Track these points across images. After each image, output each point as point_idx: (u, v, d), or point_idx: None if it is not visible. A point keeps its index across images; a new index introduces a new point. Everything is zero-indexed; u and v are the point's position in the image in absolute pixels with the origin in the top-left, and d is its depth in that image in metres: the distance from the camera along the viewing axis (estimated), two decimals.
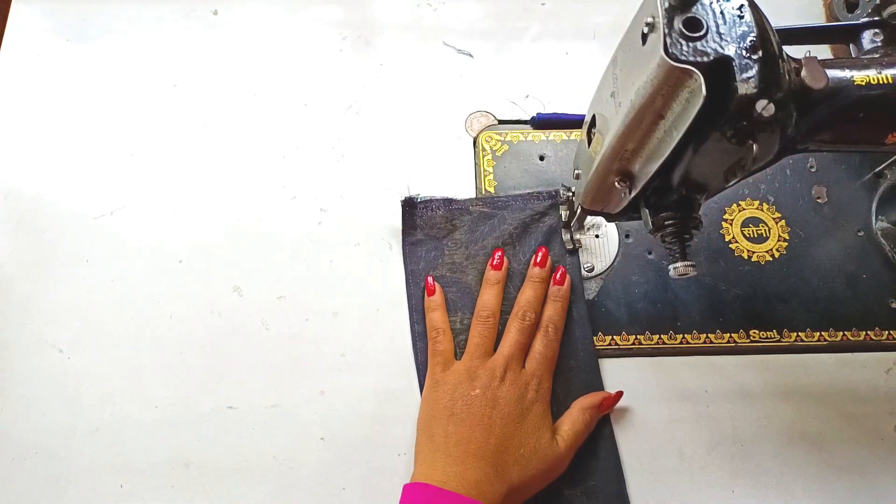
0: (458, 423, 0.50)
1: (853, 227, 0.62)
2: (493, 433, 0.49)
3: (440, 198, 0.62)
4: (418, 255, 0.61)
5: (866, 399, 0.57)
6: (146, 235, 0.61)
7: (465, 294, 0.59)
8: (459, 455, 0.49)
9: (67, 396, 0.56)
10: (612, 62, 0.44)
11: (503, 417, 0.50)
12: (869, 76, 0.40)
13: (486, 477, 0.48)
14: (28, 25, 0.69)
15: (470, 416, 0.50)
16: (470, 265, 0.60)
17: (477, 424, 0.50)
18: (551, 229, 0.61)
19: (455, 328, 0.57)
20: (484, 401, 0.51)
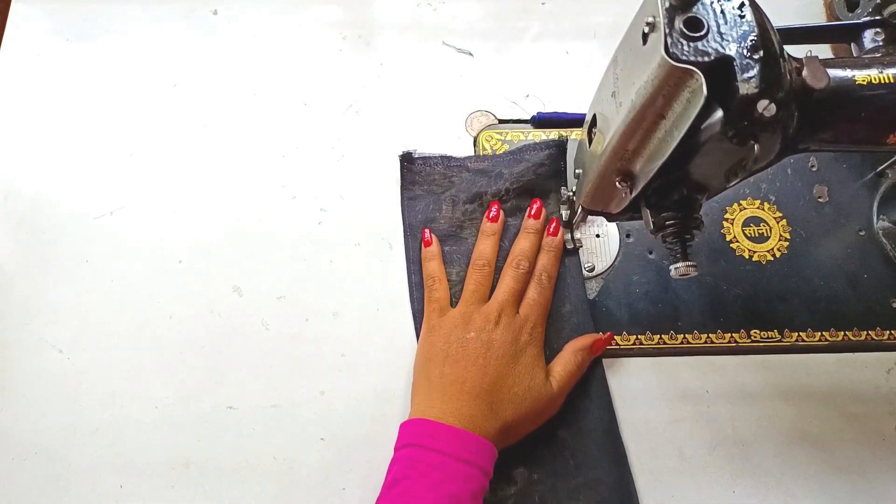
0: (453, 363, 0.52)
1: (854, 226, 0.62)
2: (488, 373, 0.51)
3: (438, 155, 0.63)
4: (416, 209, 0.62)
5: (867, 399, 0.57)
6: (146, 235, 0.61)
7: (462, 248, 0.60)
8: (455, 393, 0.50)
9: (67, 396, 0.56)
10: (612, 62, 0.44)
11: (497, 358, 0.52)
12: (870, 76, 0.40)
13: (480, 413, 0.49)
14: (28, 25, 0.69)
15: (465, 358, 0.52)
16: (467, 220, 0.61)
17: (472, 365, 0.51)
18: (548, 180, 0.61)
19: (451, 280, 0.58)
20: (478, 343, 0.52)
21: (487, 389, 0.50)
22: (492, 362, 0.51)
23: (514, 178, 0.61)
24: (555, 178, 0.61)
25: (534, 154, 0.62)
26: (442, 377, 0.51)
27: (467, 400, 0.50)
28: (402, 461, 0.48)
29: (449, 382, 0.51)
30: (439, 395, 0.51)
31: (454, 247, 0.60)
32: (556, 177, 0.62)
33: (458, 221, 0.61)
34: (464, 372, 0.51)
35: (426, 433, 0.48)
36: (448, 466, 0.47)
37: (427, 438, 0.48)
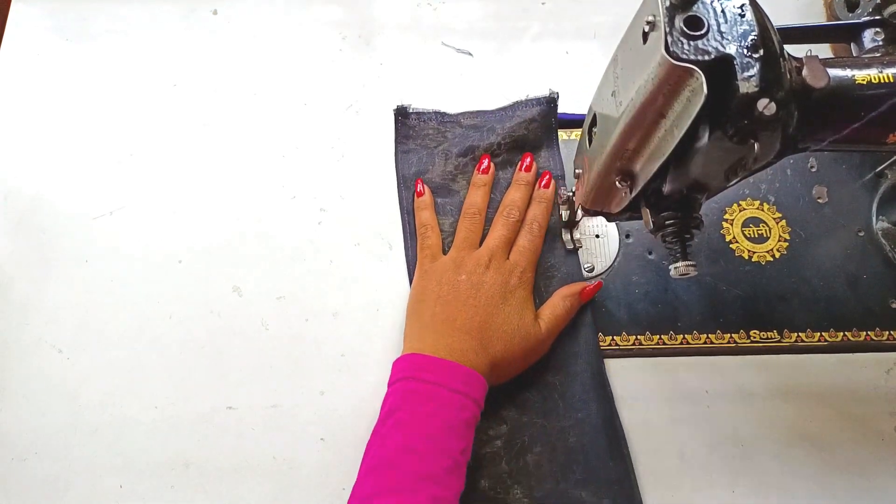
0: (444, 304, 0.53)
1: (854, 227, 0.62)
2: (478, 311, 0.53)
3: (432, 110, 0.65)
4: (410, 161, 0.63)
5: (867, 399, 0.57)
6: (146, 235, 0.61)
7: (454, 201, 0.61)
8: (446, 330, 0.52)
9: (67, 396, 0.56)
10: (612, 61, 0.44)
11: (487, 298, 0.53)
12: (870, 75, 0.40)
13: (471, 348, 0.51)
14: (28, 25, 0.69)
15: (456, 298, 0.54)
16: (459, 173, 0.62)
17: (462, 305, 0.53)
18: (539, 136, 0.63)
19: (444, 230, 0.60)
20: (469, 285, 0.54)
21: (477, 327, 0.52)
22: (482, 302, 0.53)
23: (506, 132, 0.62)
24: (546, 133, 0.63)
25: (526, 110, 0.63)
26: (433, 316, 0.53)
27: (458, 336, 0.52)
28: (395, 394, 0.50)
29: (440, 321, 0.53)
30: (431, 333, 0.52)
31: (446, 199, 0.61)
32: (548, 132, 0.63)
33: (450, 175, 0.62)
34: (455, 311, 0.53)
35: (418, 366, 0.50)
36: (441, 396, 0.48)
37: (419, 371, 0.50)
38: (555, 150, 0.63)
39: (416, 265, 0.59)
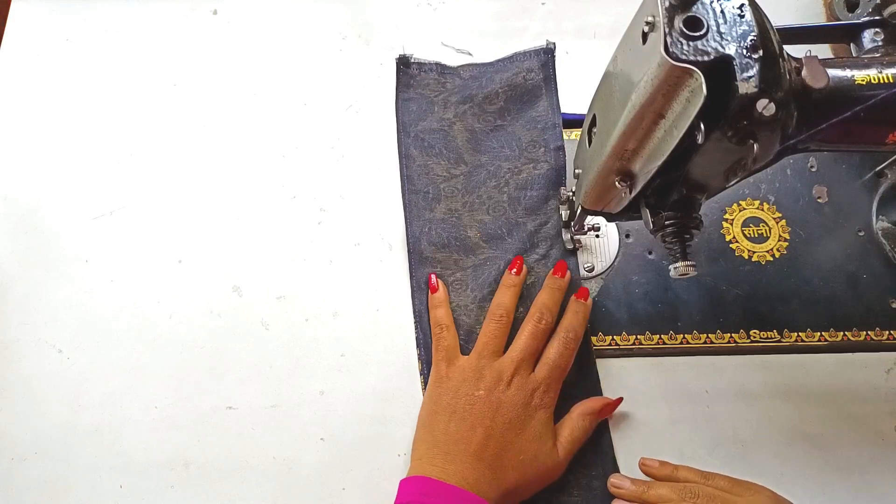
0: (459, 421, 0.50)
1: (854, 226, 0.62)
2: (494, 436, 0.49)
3: (433, 62, 0.66)
4: (410, 109, 0.65)
5: (867, 399, 0.57)
6: (146, 235, 0.61)
7: (449, 145, 0.63)
8: (459, 454, 0.49)
9: (67, 396, 0.56)
10: (612, 61, 0.44)
11: (505, 422, 0.50)
12: (870, 75, 0.40)
13: (483, 477, 0.48)
14: (28, 25, 0.69)
15: (472, 416, 0.50)
16: (458, 121, 0.63)
17: (479, 425, 0.50)
18: (537, 86, 0.64)
19: (438, 174, 0.62)
20: (488, 403, 0.50)
21: (492, 454, 0.49)
22: (499, 425, 0.50)
23: (505, 82, 0.63)
24: (545, 83, 0.64)
25: (524, 61, 0.65)
26: (447, 434, 0.50)
27: (471, 462, 0.48)
28: None
29: (453, 441, 0.49)
30: (442, 454, 0.49)
31: (441, 143, 0.63)
32: (547, 82, 0.64)
33: (447, 122, 0.64)
34: (469, 432, 0.49)
35: (427, 492, 0.47)
36: None
37: (428, 498, 0.47)
38: (554, 100, 0.64)
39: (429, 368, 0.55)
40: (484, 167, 0.62)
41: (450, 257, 0.60)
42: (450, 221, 0.61)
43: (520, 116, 0.64)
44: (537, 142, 0.63)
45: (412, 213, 0.61)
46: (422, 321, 0.58)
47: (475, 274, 0.59)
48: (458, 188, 0.62)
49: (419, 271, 0.59)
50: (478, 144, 0.63)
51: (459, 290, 0.58)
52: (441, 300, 0.57)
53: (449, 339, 0.55)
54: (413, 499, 0.47)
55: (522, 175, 0.62)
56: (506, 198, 0.61)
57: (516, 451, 0.50)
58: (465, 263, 0.59)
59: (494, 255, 0.59)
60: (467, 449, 0.49)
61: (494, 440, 0.49)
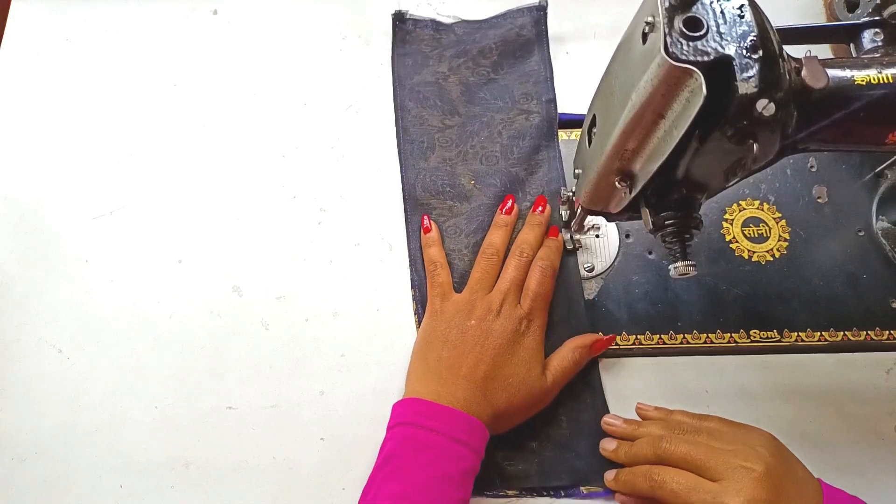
0: (451, 349, 0.53)
1: (854, 226, 0.62)
2: (484, 361, 0.52)
3: (429, 18, 0.68)
4: (406, 63, 0.67)
5: (866, 399, 0.57)
6: (146, 235, 0.61)
7: (443, 97, 0.65)
8: (450, 377, 0.51)
9: (67, 396, 0.56)
10: (612, 61, 0.44)
11: (495, 348, 0.52)
12: (869, 76, 0.40)
13: (474, 398, 0.50)
14: (28, 25, 0.69)
15: (463, 344, 0.53)
16: (452, 74, 0.65)
17: (469, 351, 0.52)
18: (529, 41, 0.67)
19: (431, 125, 0.64)
20: (478, 331, 0.53)
21: (482, 376, 0.51)
22: (489, 350, 0.52)
23: (499, 38, 0.66)
24: (537, 39, 0.67)
25: (517, 18, 0.68)
26: (439, 361, 0.52)
27: (462, 384, 0.51)
28: (394, 439, 0.49)
29: (445, 366, 0.52)
30: (435, 378, 0.52)
31: (436, 95, 0.65)
32: (539, 38, 0.67)
33: (442, 75, 0.66)
34: (461, 357, 0.52)
35: (420, 412, 0.49)
36: (441, 445, 0.48)
37: (420, 417, 0.49)
38: (546, 55, 0.67)
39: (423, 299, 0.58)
40: (477, 118, 0.64)
41: (444, 203, 0.62)
42: (444, 170, 0.63)
43: (513, 70, 0.66)
44: (529, 94, 0.65)
45: (407, 161, 0.63)
46: (416, 264, 0.60)
47: (468, 220, 0.61)
48: (452, 138, 0.64)
49: (414, 217, 0.62)
50: (471, 97, 0.65)
51: (453, 235, 0.61)
52: (434, 240, 0.60)
53: (443, 276, 0.58)
54: (405, 419, 0.49)
55: (515, 126, 0.64)
56: (498, 147, 0.63)
57: (505, 374, 0.52)
58: (459, 210, 0.62)
59: (487, 202, 0.61)
60: (458, 373, 0.51)
61: (484, 364, 0.52)
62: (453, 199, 0.62)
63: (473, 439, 0.49)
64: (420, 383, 0.52)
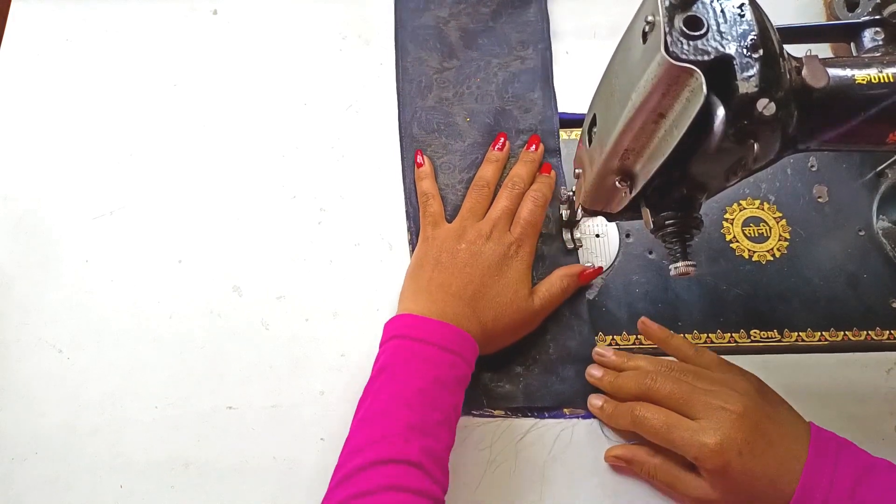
0: (442, 270, 0.55)
1: (854, 226, 0.62)
2: (473, 281, 0.54)
3: None
4: (408, 6, 0.69)
5: (867, 399, 0.57)
6: (146, 235, 0.61)
7: (443, 41, 0.67)
8: (440, 295, 0.53)
9: (67, 396, 0.56)
10: (612, 61, 0.44)
11: (484, 269, 0.54)
12: (870, 75, 0.40)
13: (463, 314, 0.52)
14: (28, 25, 0.69)
15: (453, 265, 0.55)
16: (452, 19, 0.68)
17: (459, 272, 0.54)
18: None
19: (431, 66, 0.66)
20: (468, 254, 0.55)
21: (471, 294, 0.53)
22: (478, 271, 0.54)
23: None
24: None
25: None
26: (430, 281, 0.54)
27: (451, 301, 0.53)
28: (387, 352, 0.51)
29: (436, 286, 0.54)
30: (425, 296, 0.54)
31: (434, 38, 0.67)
32: None
33: (443, 19, 0.68)
34: (450, 277, 0.54)
35: (411, 325, 0.51)
36: (432, 353, 0.49)
37: (412, 329, 0.51)
38: (543, 6, 0.68)
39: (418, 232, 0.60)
40: (475, 62, 0.66)
41: (439, 140, 0.64)
42: (440, 109, 0.65)
43: (511, 20, 0.68)
44: (526, 42, 0.67)
45: (404, 100, 0.65)
46: (410, 197, 0.62)
47: (462, 157, 0.63)
48: (450, 79, 0.66)
49: (409, 152, 0.64)
50: (470, 42, 0.67)
51: (448, 171, 0.63)
52: (427, 173, 0.62)
53: (435, 206, 0.59)
54: (397, 332, 0.51)
55: (511, 69, 0.66)
56: (494, 88, 0.65)
57: (494, 293, 0.54)
58: (454, 147, 0.64)
59: (481, 139, 0.64)
60: (448, 291, 0.53)
61: (474, 283, 0.54)
62: (448, 137, 0.64)
63: (464, 350, 0.50)
64: (411, 301, 0.54)
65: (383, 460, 0.45)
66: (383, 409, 0.47)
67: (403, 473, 0.44)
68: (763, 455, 0.47)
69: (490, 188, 0.60)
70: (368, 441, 0.46)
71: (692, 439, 0.47)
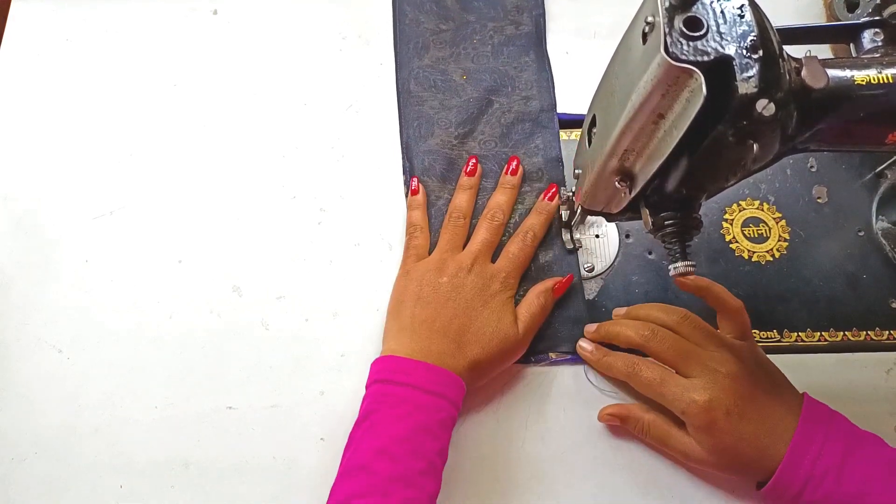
0: (424, 305, 0.54)
1: (854, 227, 0.62)
2: (457, 315, 0.53)
3: None
4: None
5: (866, 399, 0.57)
6: (146, 235, 0.61)
7: (440, 4, 0.69)
8: (424, 332, 0.52)
9: (67, 396, 0.56)
10: (612, 61, 0.44)
11: (467, 301, 0.54)
12: (869, 76, 0.40)
13: (448, 350, 0.52)
14: (28, 25, 0.69)
15: (436, 300, 0.54)
16: None
17: (442, 307, 0.53)
18: None
19: (427, 27, 0.67)
20: (450, 287, 0.54)
21: (456, 329, 0.52)
22: (461, 304, 0.53)
23: None
24: None
25: None
26: (412, 317, 0.53)
27: (436, 338, 0.52)
28: (371, 396, 0.50)
29: (419, 322, 0.53)
30: (409, 335, 0.53)
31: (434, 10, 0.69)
32: None
33: None
34: (434, 312, 0.53)
35: (394, 369, 0.50)
36: (416, 398, 0.49)
37: (395, 374, 0.50)
38: None
39: None
40: (471, 25, 0.68)
41: (435, 97, 0.65)
42: (437, 67, 0.67)
43: None
44: (521, 7, 0.69)
45: (402, 60, 0.67)
46: (408, 151, 0.64)
47: (458, 112, 0.65)
48: (446, 40, 0.68)
49: (407, 109, 0.65)
50: (466, 6, 0.69)
51: (444, 126, 0.64)
52: (419, 203, 0.61)
53: (420, 240, 0.59)
54: (381, 376, 0.50)
55: (506, 33, 0.68)
56: (489, 48, 0.67)
57: (479, 325, 0.53)
58: (450, 104, 0.65)
59: (477, 95, 0.65)
60: (432, 327, 0.52)
61: (458, 318, 0.53)
62: (444, 93, 0.65)
63: (449, 391, 0.50)
64: (395, 341, 0.53)
65: None
66: (364, 461, 0.47)
67: None
68: (752, 419, 0.48)
69: (466, 219, 0.59)
70: (348, 496, 0.46)
71: (682, 395, 0.49)
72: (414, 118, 0.65)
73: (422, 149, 0.63)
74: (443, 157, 0.63)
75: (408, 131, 0.64)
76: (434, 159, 0.63)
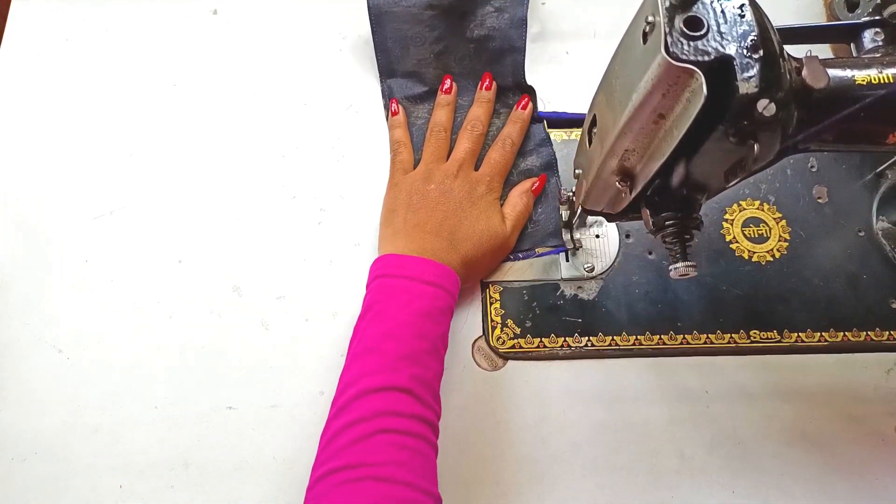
0: (415, 211, 0.57)
1: (854, 227, 0.62)
2: (447, 216, 0.56)
3: None
4: None
5: (866, 399, 0.57)
6: (146, 235, 0.61)
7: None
8: (418, 234, 0.55)
9: (67, 396, 0.56)
10: (612, 61, 0.44)
11: (456, 203, 0.57)
12: (870, 75, 0.40)
13: (441, 248, 0.55)
14: (28, 25, 0.69)
15: (425, 205, 0.57)
16: None
17: (432, 210, 0.57)
18: None
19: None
20: (438, 192, 0.58)
21: (448, 229, 0.56)
22: (451, 207, 0.57)
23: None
24: None
25: None
26: (405, 222, 0.56)
27: (429, 238, 0.55)
28: (372, 292, 0.53)
29: (412, 226, 0.56)
30: (403, 237, 0.56)
31: None
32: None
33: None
34: (425, 216, 0.56)
35: (393, 264, 0.53)
36: (416, 288, 0.52)
37: (395, 268, 0.53)
38: None
39: None
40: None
41: (407, 11, 0.64)
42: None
43: None
44: None
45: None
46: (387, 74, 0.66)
47: (431, 27, 0.64)
48: None
49: (381, 28, 0.65)
50: None
51: (419, 44, 0.64)
52: (400, 122, 0.64)
53: (405, 154, 0.62)
54: (381, 272, 0.53)
55: None
56: None
57: (468, 225, 0.57)
58: (421, 18, 0.64)
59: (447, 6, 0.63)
60: (424, 228, 0.56)
61: (449, 220, 0.56)
62: (418, 8, 0.64)
63: (446, 282, 0.53)
64: (390, 244, 0.56)
65: (374, 389, 0.46)
66: (372, 345, 0.49)
67: (394, 399, 0.46)
68: None
69: (447, 132, 0.62)
70: (359, 374, 0.48)
71: None
72: (388, 37, 0.65)
73: (399, 71, 0.65)
74: (419, 79, 0.65)
75: (386, 56, 0.65)
76: (413, 83, 0.65)
